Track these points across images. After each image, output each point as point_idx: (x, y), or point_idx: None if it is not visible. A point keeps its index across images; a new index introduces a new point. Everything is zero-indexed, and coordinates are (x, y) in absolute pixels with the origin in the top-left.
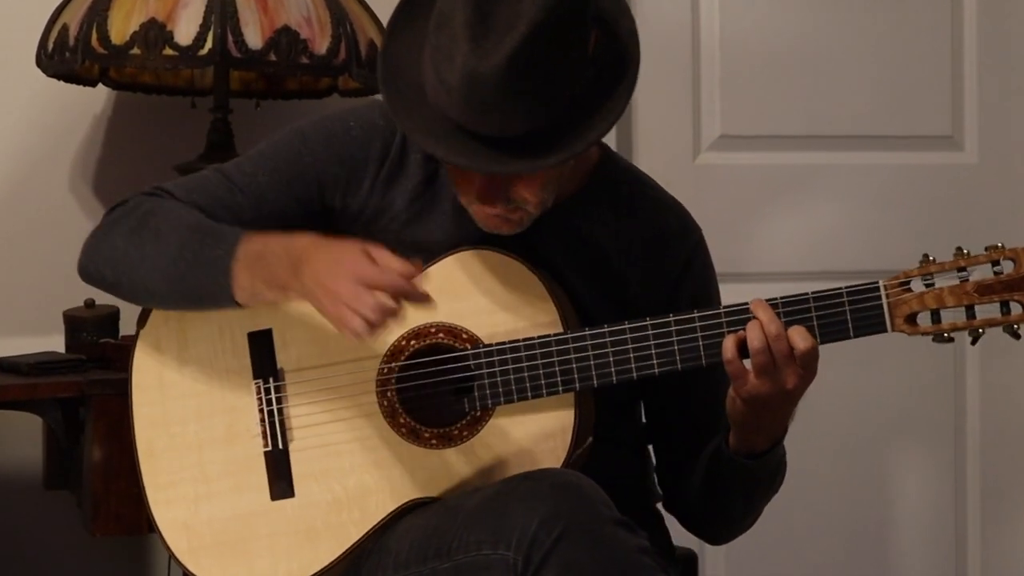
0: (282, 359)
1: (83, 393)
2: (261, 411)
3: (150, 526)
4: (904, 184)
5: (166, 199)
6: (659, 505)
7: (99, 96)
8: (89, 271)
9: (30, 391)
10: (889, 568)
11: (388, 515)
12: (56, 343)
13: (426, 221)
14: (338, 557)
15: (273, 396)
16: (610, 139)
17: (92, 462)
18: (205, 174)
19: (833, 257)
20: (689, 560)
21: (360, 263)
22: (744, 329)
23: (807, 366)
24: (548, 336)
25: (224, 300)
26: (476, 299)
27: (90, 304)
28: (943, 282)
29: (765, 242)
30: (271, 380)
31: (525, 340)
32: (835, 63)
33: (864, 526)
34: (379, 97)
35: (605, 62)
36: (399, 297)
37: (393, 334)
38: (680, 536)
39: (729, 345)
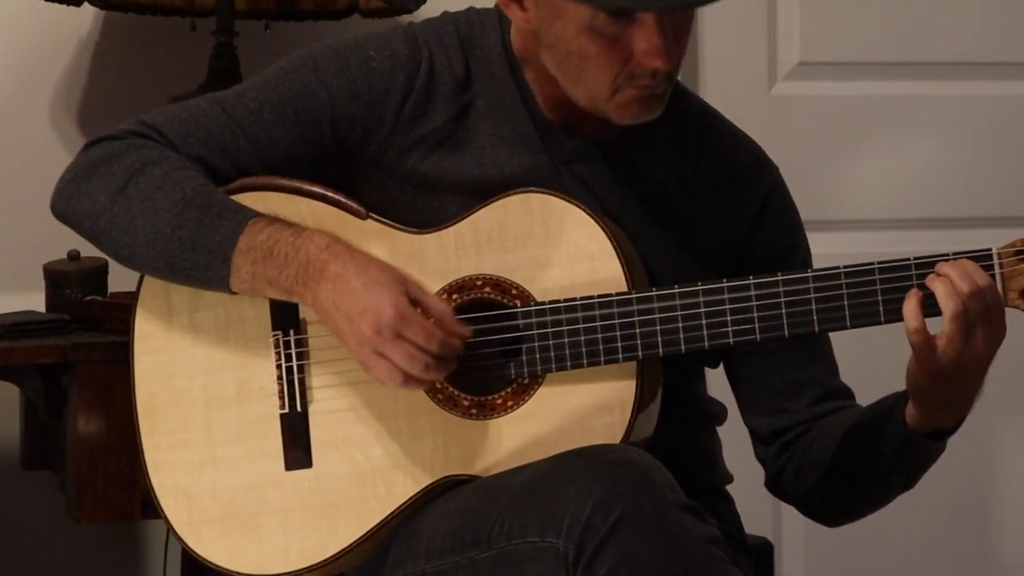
0: (306, 309)
1: (66, 358)
2: (279, 367)
3: (143, 512)
4: (1010, 118)
5: (159, 147)
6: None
7: (85, 17)
8: (65, 216)
9: (5, 356)
10: (991, 557)
11: (418, 493)
12: (35, 301)
13: (460, 160)
14: (358, 538)
15: (293, 351)
16: None
17: (77, 438)
18: (203, 107)
19: (928, 202)
20: (764, 550)
21: (397, 305)
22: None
23: (996, 323)
24: (609, 295)
25: (218, 287)
26: (528, 250)
27: (74, 256)
28: None
29: (849, 185)
30: (291, 333)
31: (583, 299)
32: None
33: (964, 510)
34: (401, 20)
35: None
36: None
37: (433, 288)
38: (752, 523)
39: (913, 312)
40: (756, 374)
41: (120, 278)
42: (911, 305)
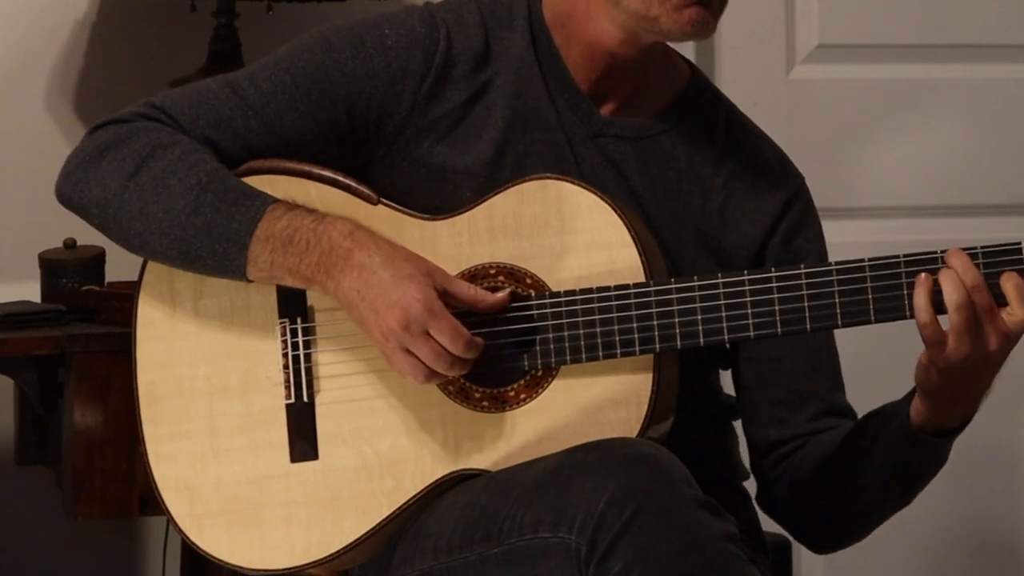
0: (313, 296)
1: (62, 350)
2: (285, 356)
3: (142, 508)
4: None
5: (169, 130)
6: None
7: None
8: (72, 202)
9: None
10: (1015, 556)
11: (426, 488)
12: (30, 291)
13: (476, 141)
14: (364, 534)
15: (300, 339)
16: (688, 49)
17: (73, 432)
18: (213, 88)
19: (951, 188)
20: (781, 548)
21: (427, 300)
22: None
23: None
24: (626, 286)
25: (234, 275)
26: (544, 238)
27: (70, 245)
28: None
29: (870, 171)
30: (299, 320)
31: (599, 289)
32: None
33: (987, 509)
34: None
35: None
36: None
37: None
38: (770, 520)
39: (923, 303)
40: (760, 382)
41: (118, 267)
42: (921, 298)
